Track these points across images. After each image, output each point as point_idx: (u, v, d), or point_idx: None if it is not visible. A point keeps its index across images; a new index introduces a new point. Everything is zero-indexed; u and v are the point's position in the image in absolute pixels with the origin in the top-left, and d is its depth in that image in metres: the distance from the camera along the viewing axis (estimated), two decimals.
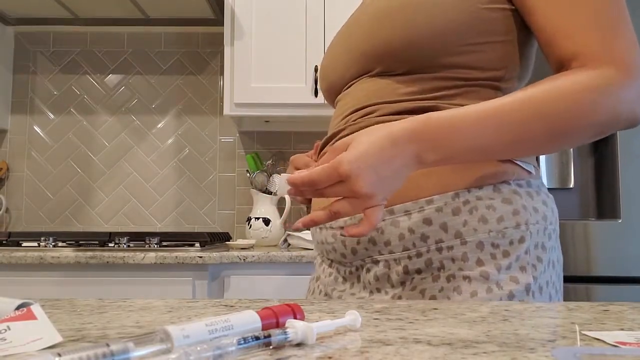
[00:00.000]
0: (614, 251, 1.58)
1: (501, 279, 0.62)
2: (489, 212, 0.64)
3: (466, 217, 0.63)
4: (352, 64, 0.72)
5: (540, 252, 0.65)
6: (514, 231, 0.64)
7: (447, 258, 0.64)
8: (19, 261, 1.60)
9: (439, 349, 0.34)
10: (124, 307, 0.51)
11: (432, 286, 0.64)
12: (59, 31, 2.36)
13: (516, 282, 0.62)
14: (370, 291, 0.69)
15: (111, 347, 0.28)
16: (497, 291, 0.61)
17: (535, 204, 0.66)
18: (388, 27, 0.66)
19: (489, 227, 0.63)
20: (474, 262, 0.63)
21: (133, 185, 2.30)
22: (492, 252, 0.63)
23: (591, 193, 1.70)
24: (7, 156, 2.32)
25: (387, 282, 0.67)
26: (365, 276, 0.69)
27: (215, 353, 0.30)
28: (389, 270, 0.67)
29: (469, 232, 0.63)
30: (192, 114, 2.33)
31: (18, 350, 0.33)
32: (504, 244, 0.63)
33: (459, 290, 0.62)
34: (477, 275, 0.62)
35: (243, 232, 2.24)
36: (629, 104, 0.58)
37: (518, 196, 0.65)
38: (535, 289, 0.63)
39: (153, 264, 1.60)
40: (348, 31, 0.75)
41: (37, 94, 2.35)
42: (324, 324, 0.37)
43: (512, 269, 0.63)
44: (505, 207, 0.64)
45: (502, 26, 0.65)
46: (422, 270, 0.65)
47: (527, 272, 0.63)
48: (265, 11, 2.00)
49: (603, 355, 0.32)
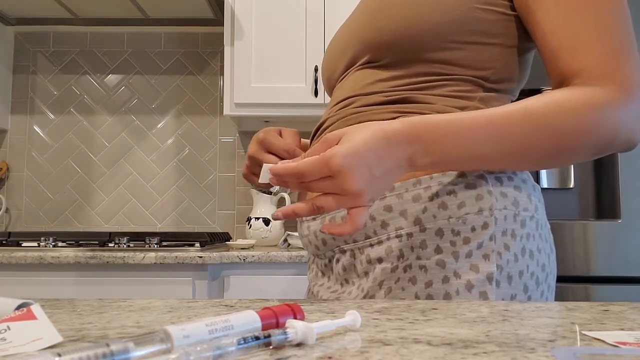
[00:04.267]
0: (614, 251, 1.58)
1: (459, 267, 0.60)
2: (450, 198, 0.62)
3: (426, 204, 0.62)
4: (346, 53, 0.73)
5: (508, 240, 0.62)
6: (476, 217, 0.61)
7: (406, 246, 0.62)
8: (19, 261, 1.60)
9: (439, 349, 0.34)
10: (124, 307, 0.51)
11: (390, 277, 0.62)
12: (58, 31, 2.36)
13: (476, 271, 0.60)
14: (341, 283, 0.69)
15: (111, 347, 0.28)
16: (453, 280, 0.60)
17: (503, 189, 0.63)
18: (384, 18, 0.67)
19: (449, 214, 0.61)
20: (432, 250, 0.61)
21: (133, 185, 2.30)
22: (452, 240, 0.61)
23: (591, 193, 1.70)
24: (7, 156, 2.32)
25: (354, 272, 0.67)
26: (335, 267, 0.70)
27: (215, 353, 0.30)
28: (354, 260, 0.66)
29: (428, 219, 0.62)
30: (192, 114, 2.33)
31: (18, 350, 0.33)
32: (464, 230, 0.61)
33: (414, 281, 0.61)
34: (432, 265, 0.60)
35: (243, 232, 2.24)
36: (627, 125, 0.58)
37: (484, 181, 0.63)
38: (500, 278, 0.60)
39: (153, 264, 1.60)
40: (347, 26, 0.76)
41: (37, 93, 2.35)
42: (324, 324, 0.37)
43: (473, 257, 0.60)
44: (467, 192, 0.62)
45: (497, 28, 0.65)
46: (382, 259, 0.63)
47: (491, 261, 0.60)
48: (265, 11, 2.00)
49: (603, 355, 0.32)
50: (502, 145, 0.56)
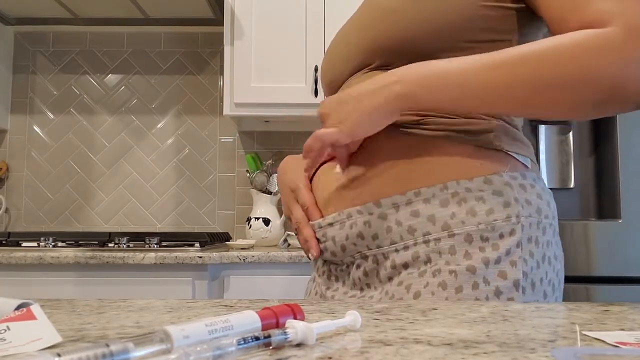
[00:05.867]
0: (614, 251, 1.58)
1: (489, 273, 0.60)
2: (478, 204, 0.62)
3: (454, 209, 0.62)
4: (352, 58, 0.72)
5: (532, 247, 0.63)
6: (504, 224, 0.61)
7: (434, 251, 0.62)
8: (19, 261, 1.60)
9: (439, 349, 0.34)
10: (123, 307, 0.51)
11: (418, 281, 0.62)
12: (58, 31, 2.36)
13: (504, 278, 0.60)
14: (361, 288, 0.68)
15: (111, 347, 0.28)
16: (483, 287, 0.60)
17: (528, 197, 0.64)
18: (391, 22, 0.66)
19: (478, 220, 0.61)
20: (461, 256, 0.61)
21: (133, 185, 2.30)
22: (481, 246, 0.61)
23: (591, 193, 1.70)
24: (6, 156, 2.32)
25: (376, 277, 0.66)
26: (354, 272, 0.68)
27: (215, 353, 0.30)
28: (377, 266, 0.66)
29: (457, 225, 0.61)
30: (192, 114, 2.33)
31: (18, 350, 0.33)
32: (493, 237, 0.61)
33: (444, 285, 0.60)
34: (463, 270, 0.60)
35: (243, 232, 2.24)
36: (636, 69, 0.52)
37: (509, 188, 0.63)
38: (525, 284, 0.61)
39: (153, 264, 1.60)
40: (350, 28, 0.76)
41: (36, 93, 2.35)
42: (324, 324, 0.37)
43: (501, 263, 0.60)
44: (495, 199, 0.62)
45: (503, 25, 0.65)
46: (409, 265, 0.63)
47: (517, 267, 0.61)
48: (265, 11, 2.00)
49: (603, 355, 0.32)
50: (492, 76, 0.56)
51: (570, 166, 1.69)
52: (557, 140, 1.70)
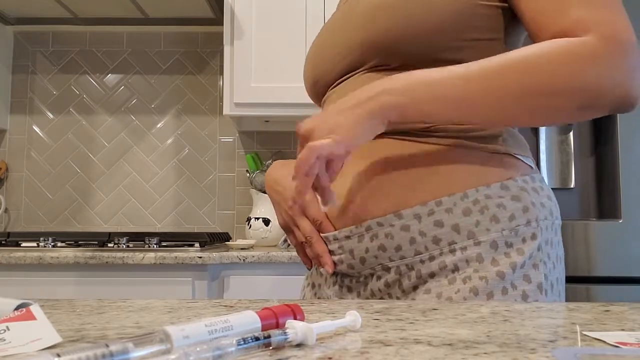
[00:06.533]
0: (615, 251, 1.57)
1: (515, 278, 0.61)
2: (500, 211, 0.63)
3: (478, 217, 0.62)
4: (345, 55, 0.71)
5: (549, 249, 0.64)
6: (526, 228, 0.63)
7: (461, 260, 0.62)
8: (18, 261, 1.60)
9: (440, 349, 0.34)
10: (123, 307, 0.51)
11: (449, 289, 0.62)
12: (58, 31, 2.36)
13: (528, 281, 0.61)
14: (381, 298, 0.67)
15: (110, 348, 0.28)
16: (511, 292, 0.60)
17: (541, 200, 0.66)
18: (388, 18, 0.65)
19: (502, 226, 0.62)
20: (489, 263, 0.61)
21: (132, 185, 2.30)
22: (506, 251, 0.62)
23: (592, 193, 1.70)
24: (6, 156, 2.32)
25: (399, 288, 0.65)
26: (374, 284, 0.67)
27: (215, 353, 0.30)
28: (400, 277, 0.65)
29: (481, 232, 0.62)
30: (192, 113, 2.33)
31: (17, 350, 0.33)
32: (517, 242, 0.62)
33: (476, 291, 0.60)
34: (493, 276, 0.61)
35: (243, 232, 2.24)
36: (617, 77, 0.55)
37: (526, 193, 0.64)
38: (547, 286, 0.62)
39: (153, 264, 1.60)
40: (335, 28, 0.74)
41: (36, 93, 2.35)
42: (324, 324, 0.37)
43: (526, 267, 0.62)
44: (515, 204, 0.63)
45: (494, 23, 0.65)
46: (435, 274, 0.63)
47: (539, 270, 0.62)
48: (265, 11, 2.00)
49: (604, 355, 0.32)
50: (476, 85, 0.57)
51: (570, 166, 1.68)
52: (557, 140, 1.70)
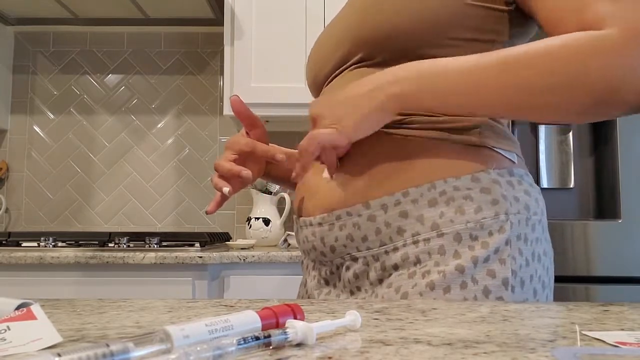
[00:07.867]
0: (614, 251, 1.58)
1: (477, 272, 0.59)
2: (467, 203, 0.61)
3: (443, 209, 0.61)
4: (335, 51, 0.71)
5: (522, 244, 0.62)
6: (493, 222, 0.61)
7: (423, 252, 0.61)
8: (19, 261, 1.60)
9: (439, 349, 0.34)
10: (123, 307, 0.51)
11: (407, 283, 0.61)
12: (58, 31, 2.36)
13: (492, 276, 0.59)
14: (351, 290, 0.67)
15: (111, 347, 0.28)
16: (471, 286, 0.59)
17: (516, 193, 0.63)
18: (376, 14, 0.65)
19: (467, 218, 0.61)
20: (450, 256, 0.60)
21: (133, 185, 2.30)
22: (471, 244, 0.60)
23: (591, 193, 1.70)
24: (7, 156, 2.32)
25: (367, 279, 0.65)
26: (344, 275, 0.68)
27: (215, 353, 0.30)
28: (367, 267, 0.65)
29: (445, 224, 0.61)
30: (192, 114, 2.33)
31: (18, 350, 0.33)
32: (483, 235, 0.60)
33: (432, 286, 0.59)
34: (452, 270, 0.59)
35: (243, 232, 2.24)
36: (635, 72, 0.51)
37: (497, 185, 0.62)
38: (515, 283, 0.60)
39: (153, 264, 1.60)
40: (335, 25, 0.75)
41: (37, 93, 2.35)
42: (324, 324, 0.37)
43: (490, 261, 0.60)
44: (483, 196, 0.61)
45: (489, 25, 0.64)
46: (399, 266, 0.62)
47: (506, 265, 0.60)
48: (265, 11, 2.00)
49: (603, 355, 0.32)
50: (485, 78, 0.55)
51: (570, 166, 1.69)
52: (557, 140, 1.70)
